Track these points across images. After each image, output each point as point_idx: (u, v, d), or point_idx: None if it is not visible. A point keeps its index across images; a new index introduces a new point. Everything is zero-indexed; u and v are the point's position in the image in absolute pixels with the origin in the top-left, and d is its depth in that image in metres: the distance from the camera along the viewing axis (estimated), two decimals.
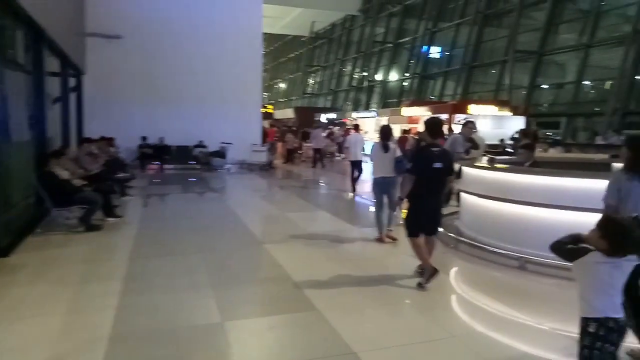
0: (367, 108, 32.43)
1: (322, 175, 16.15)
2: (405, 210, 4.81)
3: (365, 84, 35.23)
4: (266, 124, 25.39)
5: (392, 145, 6.33)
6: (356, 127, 13.00)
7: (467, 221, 6.75)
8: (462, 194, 7.07)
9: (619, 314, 2.27)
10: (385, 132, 6.37)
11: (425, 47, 29.20)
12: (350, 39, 40.80)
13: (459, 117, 17.99)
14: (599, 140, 14.84)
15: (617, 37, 17.85)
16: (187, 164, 16.02)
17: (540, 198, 5.28)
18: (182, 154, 16.03)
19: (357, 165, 10.82)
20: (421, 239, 4.66)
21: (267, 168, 16.48)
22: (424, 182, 4.48)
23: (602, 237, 2.23)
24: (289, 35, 52.30)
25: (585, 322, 2.30)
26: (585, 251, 2.30)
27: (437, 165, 4.47)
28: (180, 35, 16.14)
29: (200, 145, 16.25)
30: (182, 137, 15.89)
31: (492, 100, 19.81)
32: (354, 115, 26.53)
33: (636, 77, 16.58)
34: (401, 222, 5.18)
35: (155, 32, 15.69)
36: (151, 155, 15.62)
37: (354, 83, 38.12)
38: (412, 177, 4.54)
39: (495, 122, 18.33)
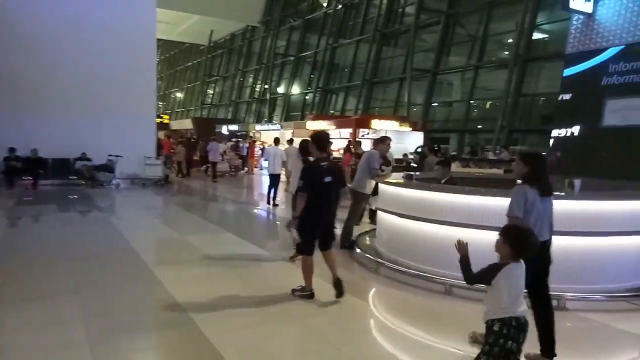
0: (270, 121, 31.84)
1: (227, 191, 15.15)
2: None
3: (268, 96, 34.69)
4: (162, 134, 23.65)
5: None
6: (276, 141, 12.54)
7: (385, 242, 6.39)
8: (380, 213, 6.73)
9: (522, 312, 2.55)
10: (303, 148, 5.90)
11: (327, 62, 29.49)
12: (251, 50, 40.14)
13: (363, 132, 18.23)
14: (491, 156, 15.77)
15: (501, 60, 19.33)
16: (68, 179, 14.05)
17: (464, 218, 5.04)
18: (60, 168, 14.03)
19: (274, 179, 11.02)
20: (312, 259, 4.61)
21: (162, 183, 15.07)
22: (316, 197, 4.43)
23: (505, 243, 2.56)
24: (187, 43, 50.19)
25: (490, 322, 2.54)
26: (499, 267, 2.56)
27: (328, 179, 4.47)
28: (61, 34, 14.24)
29: (83, 157, 14.37)
30: (62, 149, 13.93)
31: (392, 116, 20.34)
32: (258, 127, 25.75)
33: (520, 97, 18.05)
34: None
35: (29, 30, 13.65)
36: (21, 170, 13.42)
37: (256, 95, 37.40)
38: (304, 194, 4.44)
39: (396, 137, 18.76)
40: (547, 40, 18.79)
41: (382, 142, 6.75)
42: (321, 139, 4.69)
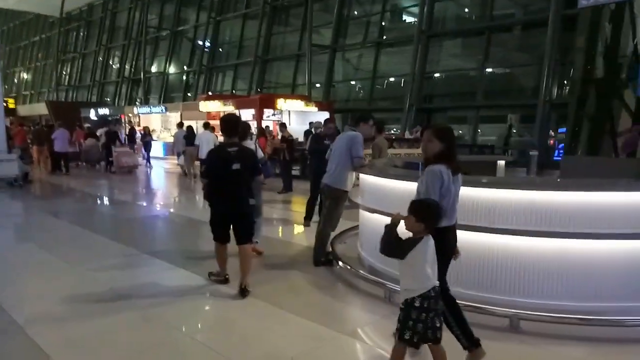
0: (146, 102, 28.01)
1: (120, 188, 12.24)
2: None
3: (142, 75, 30.51)
4: (9, 122, 18.98)
5: (250, 145, 5.09)
6: (206, 125, 11.68)
7: (370, 248, 4.82)
8: (362, 212, 5.13)
9: (436, 282, 2.57)
10: (237, 128, 4.66)
11: (211, 38, 26.62)
12: (116, 24, 35.02)
13: (268, 113, 16.36)
14: (407, 135, 15.12)
15: (406, 37, 18.69)
16: None
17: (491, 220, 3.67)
18: None
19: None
20: (224, 247, 4.35)
21: (20, 184, 11.55)
22: (223, 185, 4.17)
23: (417, 220, 2.54)
24: (30, 13, 42.31)
25: (411, 300, 2.51)
26: (414, 241, 2.55)
27: (236, 166, 4.13)
28: None
29: None
30: None
31: (299, 95, 18.74)
32: (136, 110, 22.11)
33: (426, 76, 17.71)
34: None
35: None
36: None
37: (126, 74, 32.77)
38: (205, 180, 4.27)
39: (301, 118, 17.27)
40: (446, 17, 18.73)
41: (364, 122, 5.11)
42: (230, 122, 4.34)
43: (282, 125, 11.95)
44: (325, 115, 18.11)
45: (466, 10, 18.40)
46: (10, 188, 11.37)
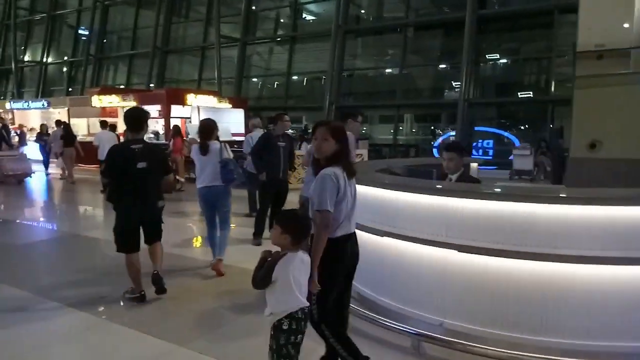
0: (19, 97, 23.91)
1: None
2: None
3: (12, 65, 26.07)
4: None
5: (214, 145, 4.63)
6: (103, 124, 10.99)
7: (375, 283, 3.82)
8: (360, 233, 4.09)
9: (304, 302, 2.30)
10: (205, 130, 4.68)
11: (99, 24, 23.48)
12: None
13: (176, 108, 14.52)
14: None
15: (323, 32, 17.81)
16: None
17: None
18: None
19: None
20: (135, 256, 3.88)
21: None
22: (127, 185, 3.80)
23: (285, 232, 2.29)
24: None
25: (278, 323, 2.29)
26: (276, 260, 2.29)
27: (141, 165, 3.79)
28: None
29: None
30: None
31: (209, 91, 16.98)
32: (9, 106, 18.43)
33: (343, 74, 17.11)
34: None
35: None
36: None
37: None
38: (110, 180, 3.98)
39: (215, 115, 15.68)
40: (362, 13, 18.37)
41: (354, 119, 4.07)
42: (136, 117, 3.99)
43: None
44: (240, 112, 16.74)
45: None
46: None
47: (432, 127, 17.11)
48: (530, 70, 15.45)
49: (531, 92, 14.69)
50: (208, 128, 4.68)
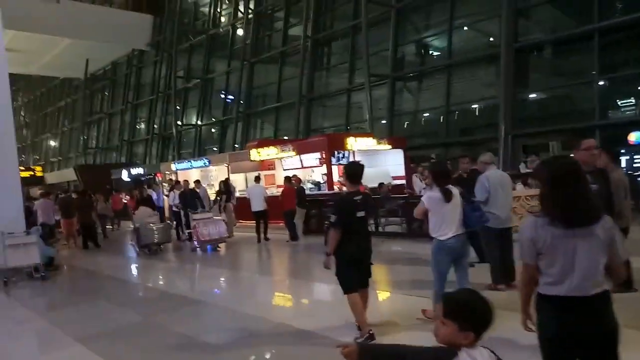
0: (179, 158, 25.60)
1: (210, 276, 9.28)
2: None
3: (174, 129, 28.31)
4: (37, 192, 16.71)
5: (454, 190, 4.26)
6: (257, 179, 11.60)
7: None
8: None
9: None
10: (444, 175, 4.38)
11: (246, 82, 24.37)
12: (141, 80, 33.41)
13: (340, 154, 13.49)
14: (523, 169, 12.05)
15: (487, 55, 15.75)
16: None
17: None
18: None
19: (260, 215, 11.04)
20: (358, 296, 4.18)
21: (42, 274, 8.65)
22: (349, 233, 4.17)
23: (460, 329, 1.63)
24: (56, 77, 41.51)
25: None
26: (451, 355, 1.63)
27: (361, 214, 4.26)
28: None
29: None
30: None
31: (365, 133, 15.85)
32: (174, 167, 19.52)
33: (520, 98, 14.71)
34: None
35: None
36: None
37: (156, 130, 30.74)
38: (338, 231, 4.15)
39: (370, 158, 14.39)
40: None
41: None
42: (355, 170, 4.38)
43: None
44: (398, 153, 15.24)
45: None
46: (29, 281, 8.54)
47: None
48: None
49: None
50: (447, 172, 4.53)
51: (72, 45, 31.11)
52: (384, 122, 18.08)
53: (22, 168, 34.20)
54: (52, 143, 44.91)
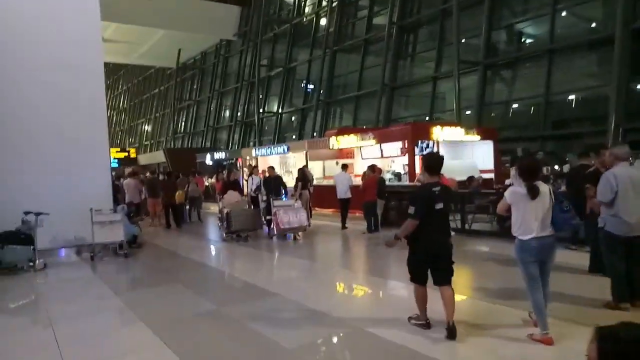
0: (259, 144, 26.02)
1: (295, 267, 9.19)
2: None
3: (255, 117, 28.87)
4: (126, 172, 17.65)
5: (543, 187, 3.86)
6: (344, 167, 11.69)
7: None
8: None
9: None
10: (532, 170, 3.94)
11: (327, 71, 24.07)
12: (228, 69, 34.48)
13: (424, 144, 12.71)
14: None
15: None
16: None
17: None
18: None
19: (344, 203, 11.14)
20: (424, 289, 4.18)
21: (126, 252, 8.94)
22: (426, 225, 4.06)
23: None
24: (151, 67, 44.27)
25: None
26: None
27: (439, 206, 4.09)
28: None
29: None
30: None
31: (452, 122, 14.89)
32: (254, 153, 19.81)
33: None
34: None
35: None
36: None
37: (239, 117, 31.57)
38: (415, 223, 4.05)
39: (456, 150, 13.39)
40: None
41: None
42: (435, 161, 4.29)
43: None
44: (487, 145, 14.08)
45: None
46: (113, 257, 8.85)
47: None
48: None
49: None
50: (535, 169, 4.04)
51: (166, 36, 32.86)
52: (468, 112, 16.86)
53: (118, 149, 36.97)
54: (146, 127, 48.04)
